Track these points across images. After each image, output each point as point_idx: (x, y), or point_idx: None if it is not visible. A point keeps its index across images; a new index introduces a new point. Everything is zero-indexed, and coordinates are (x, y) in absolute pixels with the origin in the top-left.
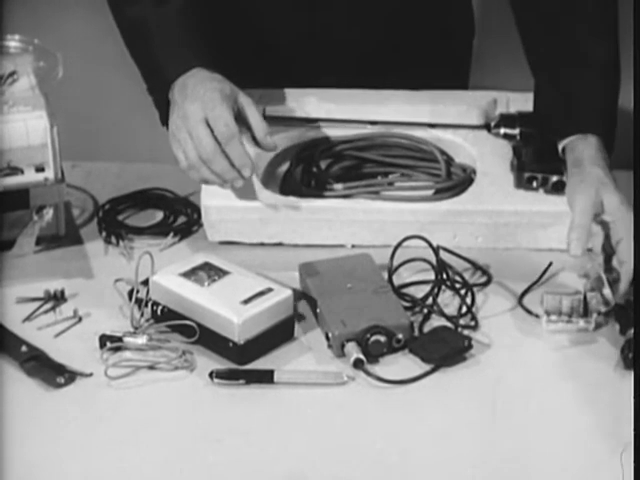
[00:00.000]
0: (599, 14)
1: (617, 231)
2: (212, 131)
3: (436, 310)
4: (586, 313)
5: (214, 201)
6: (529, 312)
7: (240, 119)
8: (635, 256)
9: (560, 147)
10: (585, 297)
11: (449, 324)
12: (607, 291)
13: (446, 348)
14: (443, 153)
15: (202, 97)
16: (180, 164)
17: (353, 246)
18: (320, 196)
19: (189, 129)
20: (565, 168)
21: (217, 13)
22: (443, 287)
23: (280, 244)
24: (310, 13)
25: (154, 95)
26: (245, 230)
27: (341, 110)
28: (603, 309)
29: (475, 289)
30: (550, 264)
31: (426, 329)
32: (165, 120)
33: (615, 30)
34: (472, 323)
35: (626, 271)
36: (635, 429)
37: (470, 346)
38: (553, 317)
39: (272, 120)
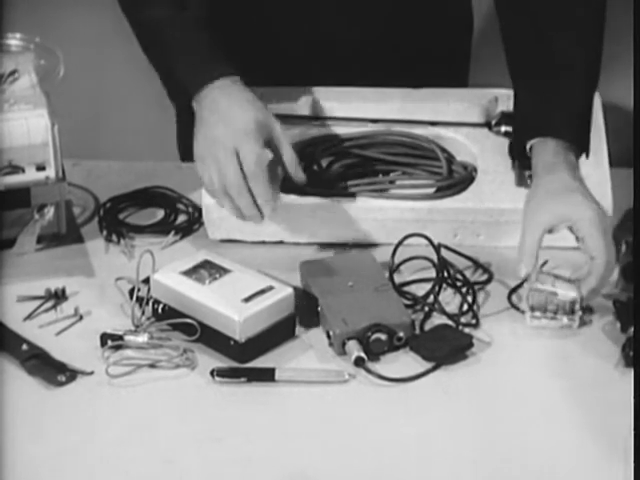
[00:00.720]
0: (585, 24)
1: (579, 229)
2: (240, 163)
3: (437, 308)
4: (572, 310)
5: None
6: (516, 308)
7: (270, 146)
8: (635, 254)
9: (527, 150)
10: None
11: (450, 322)
12: (563, 292)
13: (447, 346)
14: (444, 151)
15: (236, 124)
16: (204, 186)
17: (354, 244)
18: (321, 194)
19: (217, 156)
20: None
21: (221, 13)
22: (444, 285)
23: (281, 242)
24: (310, 13)
25: (174, 101)
26: (246, 228)
27: (342, 108)
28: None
29: (476, 287)
30: (545, 262)
31: (427, 327)
32: (180, 112)
33: (599, 38)
34: (473, 321)
35: (597, 266)
36: (635, 429)
37: (471, 344)
38: (537, 313)
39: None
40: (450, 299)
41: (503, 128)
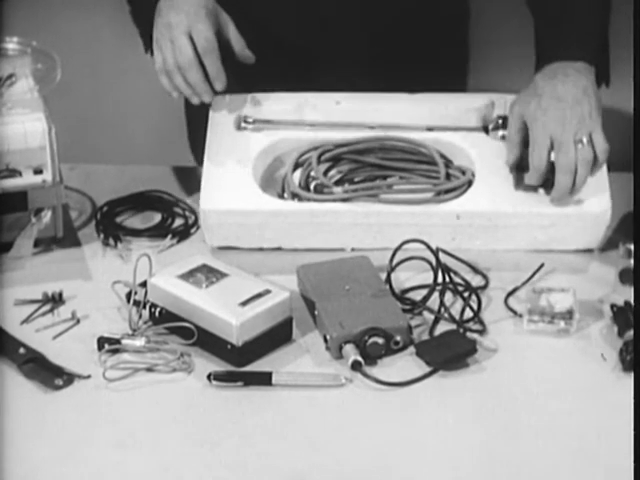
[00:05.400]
0: None
1: (531, 132)
2: (193, 44)
3: (447, 316)
4: (569, 317)
5: (213, 205)
6: (514, 312)
7: (219, 35)
8: (635, 257)
9: None
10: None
11: (455, 327)
12: (559, 304)
13: (449, 352)
14: (442, 156)
15: (187, 10)
16: (156, 66)
17: (353, 249)
18: (319, 200)
19: (172, 38)
20: None
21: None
22: (440, 289)
23: (279, 249)
24: (308, 15)
25: (140, 19)
26: (244, 235)
27: (339, 114)
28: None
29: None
30: (541, 265)
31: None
32: (148, 46)
33: None
34: (480, 327)
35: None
36: (635, 429)
37: (474, 350)
38: (535, 317)
39: (271, 124)
40: (449, 303)
41: (500, 132)
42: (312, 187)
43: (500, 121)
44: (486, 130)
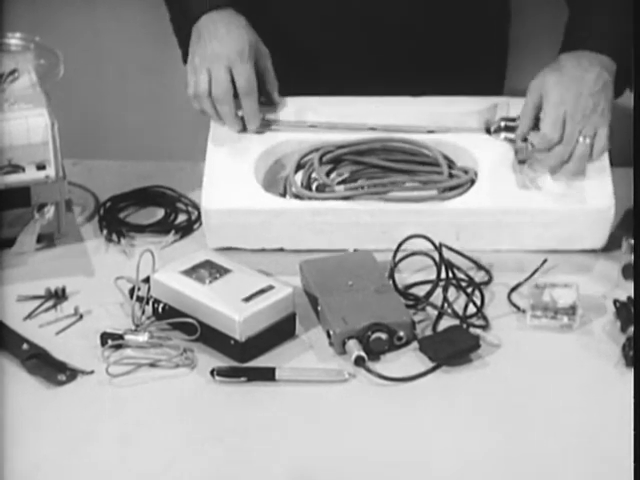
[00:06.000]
0: None
1: (547, 102)
2: (232, 79)
3: (450, 312)
4: (572, 312)
5: (215, 205)
6: (517, 307)
7: (257, 69)
8: (635, 257)
9: None
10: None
11: (458, 323)
12: (562, 300)
13: (452, 348)
14: (444, 157)
15: (231, 44)
16: (188, 89)
17: (355, 251)
18: (321, 198)
19: (211, 67)
20: None
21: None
22: (443, 285)
23: (281, 250)
24: (329, 18)
25: (179, 32)
26: (246, 235)
27: (342, 116)
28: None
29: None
30: (545, 261)
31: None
32: (186, 58)
33: None
34: (484, 323)
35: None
36: (635, 429)
37: (478, 346)
38: (538, 312)
39: (272, 125)
40: (452, 299)
41: (502, 135)
42: (314, 187)
43: (502, 124)
44: (488, 133)
